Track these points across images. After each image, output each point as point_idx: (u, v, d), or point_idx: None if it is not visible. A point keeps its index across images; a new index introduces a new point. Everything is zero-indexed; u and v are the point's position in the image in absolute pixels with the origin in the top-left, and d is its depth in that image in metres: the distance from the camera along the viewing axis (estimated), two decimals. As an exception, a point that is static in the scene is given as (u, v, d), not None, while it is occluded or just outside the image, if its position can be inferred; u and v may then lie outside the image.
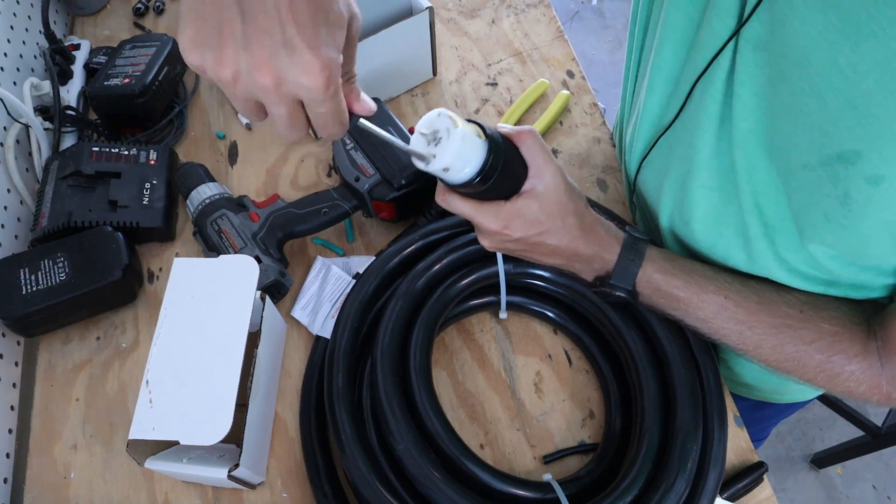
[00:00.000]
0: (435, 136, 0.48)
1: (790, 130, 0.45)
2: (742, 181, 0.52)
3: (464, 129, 0.47)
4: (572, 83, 0.94)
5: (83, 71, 0.95)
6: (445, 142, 0.47)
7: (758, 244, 0.54)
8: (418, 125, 0.50)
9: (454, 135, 0.47)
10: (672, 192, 0.61)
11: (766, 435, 1.08)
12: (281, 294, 0.75)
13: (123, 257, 0.74)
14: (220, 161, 0.90)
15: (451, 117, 0.47)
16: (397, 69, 0.90)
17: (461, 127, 0.47)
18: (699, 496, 0.57)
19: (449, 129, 0.47)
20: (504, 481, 0.59)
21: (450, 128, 0.47)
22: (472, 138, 0.48)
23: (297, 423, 0.69)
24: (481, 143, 0.49)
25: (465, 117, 0.49)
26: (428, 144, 0.48)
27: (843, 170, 0.42)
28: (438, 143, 0.48)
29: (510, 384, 0.71)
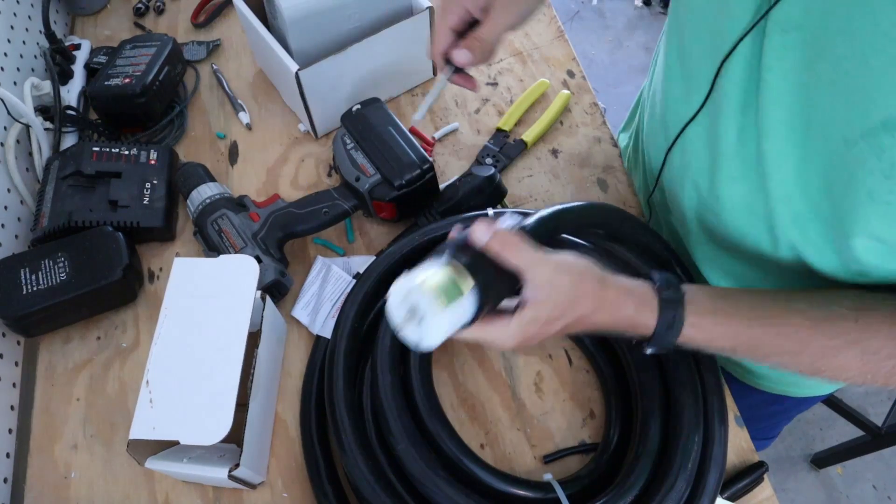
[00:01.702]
0: (415, 312, 0.44)
1: (829, 105, 0.44)
2: (772, 171, 0.51)
3: (449, 306, 0.43)
4: (573, 83, 0.94)
5: (83, 71, 0.95)
6: (430, 322, 0.43)
7: (787, 235, 0.53)
8: (391, 296, 0.46)
9: (439, 318, 0.43)
10: (698, 184, 0.60)
11: (776, 433, 1.06)
12: (281, 294, 0.75)
13: (124, 257, 0.74)
14: (221, 161, 0.90)
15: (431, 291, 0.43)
16: (398, 69, 0.90)
17: (445, 306, 0.43)
18: (700, 496, 0.57)
19: (432, 310, 0.43)
20: (504, 481, 0.59)
21: (432, 309, 0.43)
22: (459, 306, 0.44)
23: (298, 422, 0.69)
24: (469, 296, 0.45)
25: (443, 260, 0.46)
26: (407, 319, 0.45)
27: (888, 138, 0.41)
28: (422, 322, 0.44)
29: (510, 384, 0.71)
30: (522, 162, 0.87)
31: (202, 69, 0.99)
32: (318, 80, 0.81)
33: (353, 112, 0.79)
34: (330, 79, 0.83)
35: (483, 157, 0.86)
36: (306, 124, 0.90)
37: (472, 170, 0.81)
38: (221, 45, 1.02)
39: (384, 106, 0.80)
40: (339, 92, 0.86)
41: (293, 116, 0.93)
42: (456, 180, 0.79)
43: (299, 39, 0.82)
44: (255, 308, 0.63)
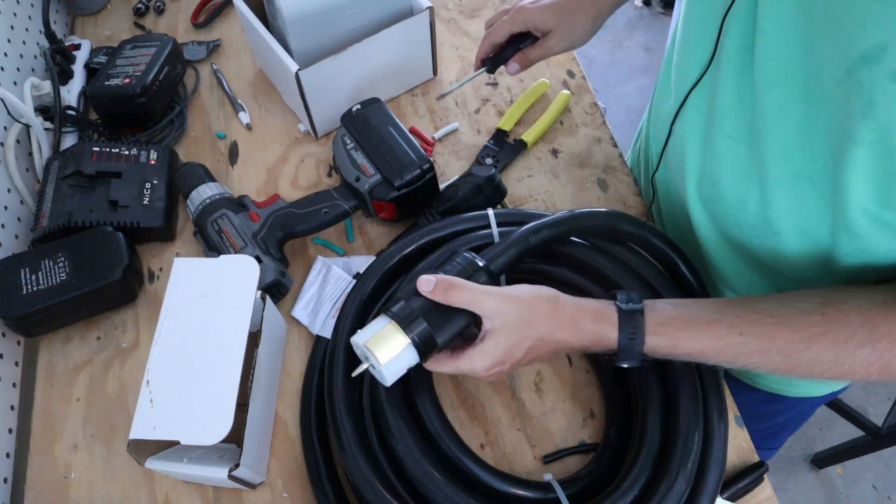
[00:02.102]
0: (368, 360, 0.55)
1: (823, 45, 0.44)
2: (771, 127, 0.51)
3: (389, 359, 0.53)
4: (573, 83, 0.94)
5: (84, 71, 0.95)
6: (379, 369, 0.53)
7: (779, 197, 0.54)
8: (352, 344, 0.56)
9: (384, 368, 0.53)
10: (699, 149, 0.61)
11: (779, 443, 1.05)
12: (281, 294, 0.75)
13: (124, 257, 0.74)
14: (221, 161, 0.90)
15: (371, 350, 0.53)
16: (398, 69, 0.90)
17: (385, 361, 0.53)
18: (700, 495, 0.57)
19: (377, 363, 0.53)
20: (504, 481, 0.59)
21: (376, 362, 0.53)
22: (401, 357, 0.53)
23: (298, 423, 0.69)
24: (407, 349, 0.53)
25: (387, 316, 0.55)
26: (367, 361, 0.55)
27: (866, 72, 0.41)
28: (374, 368, 0.54)
29: (510, 384, 0.71)
30: (522, 162, 0.87)
31: (202, 69, 0.99)
32: (318, 80, 0.82)
33: (353, 112, 0.79)
34: (330, 79, 0.83)
35: (483, 157, 0.86)
36: (306, 124, 0.90)
37: (472, 170, 0.81)
38: (221, 45, 1.02)
39: (384, 106, 0.80)
40: (339, 92, 0.86)
41: (293, 116, 0.93)
42: (456, 180, 0.79)
43: (299, 39, 0.82)
44: (255, 308, 0.63)
